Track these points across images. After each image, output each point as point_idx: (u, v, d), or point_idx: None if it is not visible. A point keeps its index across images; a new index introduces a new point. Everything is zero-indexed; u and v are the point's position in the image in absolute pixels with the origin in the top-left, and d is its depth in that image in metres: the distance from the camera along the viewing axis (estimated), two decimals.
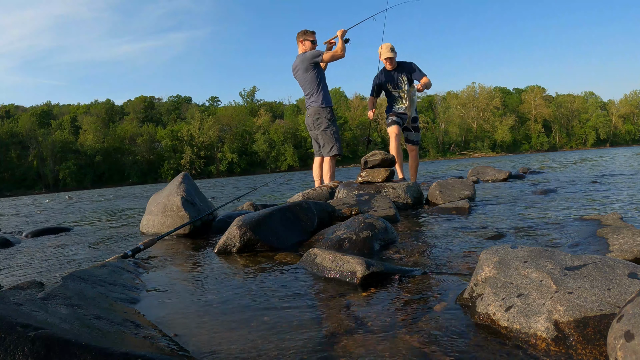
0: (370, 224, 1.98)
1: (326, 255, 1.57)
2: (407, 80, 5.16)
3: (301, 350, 0.95)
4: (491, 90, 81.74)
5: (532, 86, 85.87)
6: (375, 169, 3.56)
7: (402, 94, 5.14)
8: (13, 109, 73.00)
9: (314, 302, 1.27)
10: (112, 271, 1.59)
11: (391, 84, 5.20)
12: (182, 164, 64.31)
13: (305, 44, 4.78)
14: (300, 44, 4.82)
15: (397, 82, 5.15)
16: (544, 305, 0.94)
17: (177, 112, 77.99)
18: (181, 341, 1.03)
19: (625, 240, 1.52)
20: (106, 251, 2.59)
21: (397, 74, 5.14)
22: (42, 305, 0.98)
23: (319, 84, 4.76)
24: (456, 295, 1.22)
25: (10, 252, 2.86)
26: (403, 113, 5.21)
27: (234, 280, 1.57)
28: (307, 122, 5.00)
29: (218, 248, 2.05)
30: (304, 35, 4.78)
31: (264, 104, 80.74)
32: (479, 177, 6.10)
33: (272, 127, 70.50)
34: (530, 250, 1.14)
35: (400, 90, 5.14)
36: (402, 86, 5.12)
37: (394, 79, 5.18)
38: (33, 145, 62.17)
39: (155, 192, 3.32)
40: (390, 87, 5.23)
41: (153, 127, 69.80)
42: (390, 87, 5.21)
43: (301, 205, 2.37)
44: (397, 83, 5.13)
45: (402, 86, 5.12)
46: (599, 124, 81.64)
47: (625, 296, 0.91)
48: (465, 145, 77.27)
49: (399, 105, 5.19)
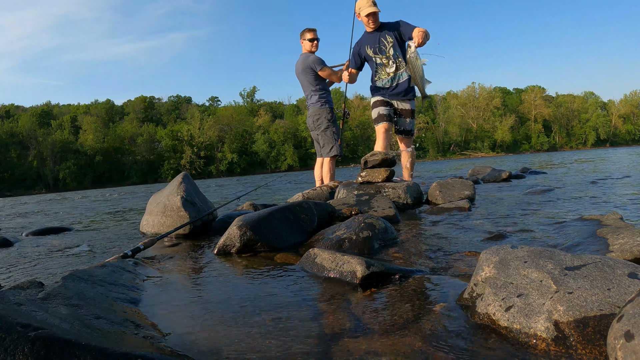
0: (370, 224, 1.98)
1: (326, 255, 1.57)
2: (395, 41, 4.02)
3: (301, 350, 0.95)
4: (491, 90, 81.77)
5: (532, 86, 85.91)
6: (375, 169, 3.56)
7: (385, 61, 4.05)
8: (13, 109, 72.99)
9: (314, 302, 1.27)
10: (112, 271, 1.58)
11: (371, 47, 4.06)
12: (182, 164, 64.34)
13: (304, 45, 4.80)
14: (302, 43, 4.83)
15: (379, 44, 4.04)
16: (544, 305, 0.94)
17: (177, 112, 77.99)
18: (181, 341, 1.03)
19: (625, 240, 1.52)
20: (106, 251, 2.59)
21: (379, 35, 4.05)
22: (42, 305, 0.98)
23: (319, 85, 4.77)
24: (456, 295, 1.22)
25: (10, 251, 2.86)
26: (389, 88, 4.11)
27: (233, 280, 1.57)
28: (308, 123, 5.02)
29: (218, 248, 2.05)
30: (302, 35, 4.80)
31: (264, 104, 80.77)
32: (479, 177, 6.10)
33: (272, 127, 70.52)
34: (530, 250, 1.14)
35: (384, 55, 4.04)
36: (386, 49, 4.01)
37: (376, 40, 4.06)
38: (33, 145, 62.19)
39: (155, 192, 3.32)
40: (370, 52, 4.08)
41: (153, 127, 69.83)
42: (371, 52, 4.08)
43: (301, 205, 2.37)
44: (380, 46, 4.03)
45: (386, 49, 4.01)
46: (599, 124, 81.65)
47: (625, 296, 0.91)
48: (465, 145, 77.28)
49: (383, 77, 4.12)
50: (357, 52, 4.23)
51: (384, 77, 4.12)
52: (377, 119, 4.17)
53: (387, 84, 4.11)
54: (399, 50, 4.06)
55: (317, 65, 4.62)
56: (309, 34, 4.75)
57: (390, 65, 4.03)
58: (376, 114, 4.17)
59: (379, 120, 4.14)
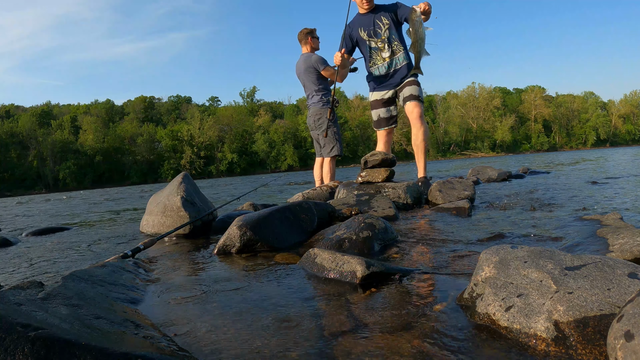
0: (370, 224, 1.98)
1: (326, 255, 1.57)
2: (392, 23, 3.65)
3: (301, 350, 0.95)
4: (491, 90, 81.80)
5: (532, 86, 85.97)
6: (375, 169, 3.56)
7: (380, 45, 3.65)
8: (13, 109, 73.01)
9: (314, 302, 1.27)
10: (112, 271, 1.59)
11: (365, 29, 3.67)
12: (182, 164, 64.38)
13: (305, 46, 4.80)
14: (302, 44, 4.84)
15: (373, 27, 3.67)
16: (544, 305, 0.94)
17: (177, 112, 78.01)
18: (181, 341, 1.03)
19: (625, 240, 1.52)
20: (106, 251, 2.59)
21: (374, 17, 3.68)
22: (42, 305, 0.98)
23: (321, 84, 4.78)
24: (456, 295, 1.22)
25: (10, 251, 2.86)
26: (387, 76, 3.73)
27: (233, 280, 1.57)
28: (308, 122, 5.02)
29: (218, 248, 2.05)
30: (303, 36, 4.81)
31: (264, 104, 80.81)
32: (479, 177, 6.10)
33: (272, 127, 70.55)
34: (530, 250, 1.14)
35: (379, 38, 3.65)
36: (382, 32, 3.62)
37: (370, 22, 3.67)
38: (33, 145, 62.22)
39: (155, 192, 3.32)
40: (364, 35, 3.70)
41: (153, 127, 69.88)
42: (365, 35, 3.70)
43: (301, 205, 2.37)
44: (375, 29, 3.66)
45: (382, 32, 3.62)
46: (599, 124, 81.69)
47: (625, 296, 0.91)
48: (465, 145, 77.29)
49: (379, 63, 3.73)
50: (348, 34, 3.81)
51: (379, 62, 3.74)
52: (377, 123, 3.91)
53: (383, 71, 3.73)
54: (396, 33, 3.68)
55: (320, 64, 4.62)
56: (310, 35, 4.76)
57: (386, 50, 3.63)
58: (376, 116, 3.90)
59: (380, 125, 3.90)
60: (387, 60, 3.64)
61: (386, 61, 3.65)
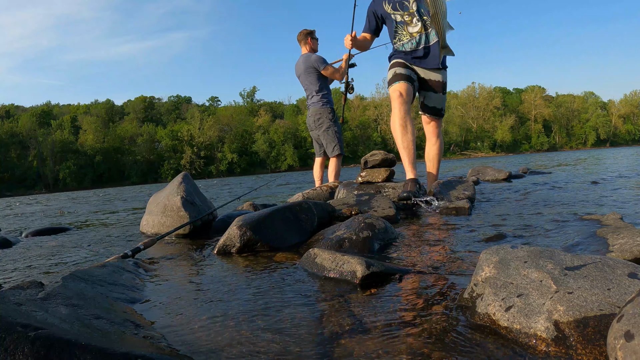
0: (370, 224, 1.98)
1: (326, 255, 1.57)
2: None
3: (301, 350, 0.95)
4: (491, 90, 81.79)
5: (532, 86, 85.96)
6: (375, 169, 3.56)
7: (407, 18, 3.15)
8: (13, 109, 73.02)
9: (314, 302, 1.27)
10: (112, 271, 1.59)
11: (390, 2, 3.21)
12: (182, 164, 64.39)
13: (305, 47, 4.81)
14: (302, 45, 4.84)
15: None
16: (544, 305, 0.94)
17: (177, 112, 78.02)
18: (181, 341, 1.03)
19: (625, 240, 1.52)
20: (106, 251, 2.59)
21: None
22: (42, 305, 0.98)
23: (321, 84, 4.78)
24: (456, 296, 1.22)
25: (10, 251, 2.86)
26: (413, 51, 3.21)
27: (233, 280, 1.57)
28: (308, 123, 5.02)
29: (218, 248, 2.05)
30: (303, 36, 4.81)
31: (264, 104, 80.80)
32: (479, 177, 6.10)
33: (272, 127, 70.56)
34: (530, 250, 1.14)
35: (406, 11, 3.15)
36: (409, 4, 3.13)
37: None
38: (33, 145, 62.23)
39: (155, 192, 3.32)
40: (388, 8, 3.22)
41: (153, 127, 69.89)
42: (389, 8, 3.21)
43: (301, 205, 2.36)
44: (401, 0, 3.16)
45: (409, 4, 3.13)
46: (599, 124, 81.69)
47: (625, 296, 0.91)
48: (465, 145, 77.28)
49: (404, 39, 3.22)
50: (372, 11, 3.36)
51: (405, 38, 3.22)
52: (392, 79, 3.19)
53: (409, 48, 3.21)
54: (424, 5, 3.11)
55: (320, 64, 4.63)
56: (309, 36, 4.76)
57: (414, 24, 3.14)
58: (391, 74, 3.22)
59: (395, 79, 3.15)
60: (415, 36, 3.15)
61: (414, 37, 3.15)
